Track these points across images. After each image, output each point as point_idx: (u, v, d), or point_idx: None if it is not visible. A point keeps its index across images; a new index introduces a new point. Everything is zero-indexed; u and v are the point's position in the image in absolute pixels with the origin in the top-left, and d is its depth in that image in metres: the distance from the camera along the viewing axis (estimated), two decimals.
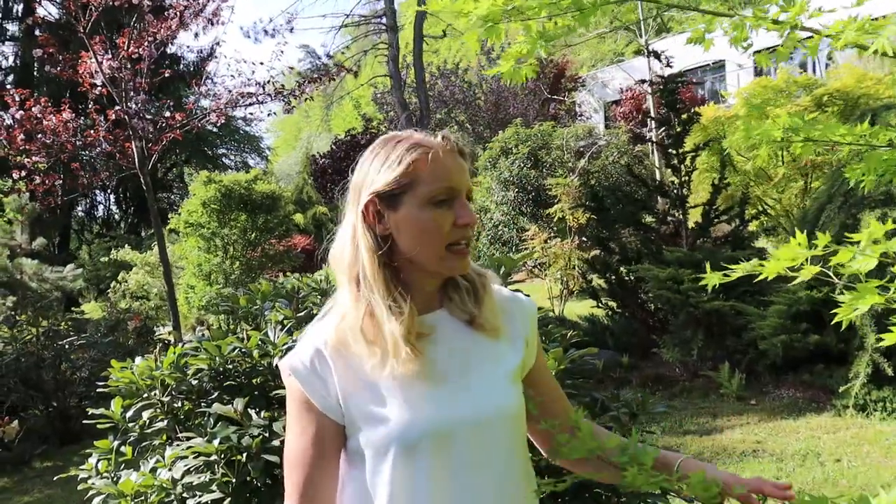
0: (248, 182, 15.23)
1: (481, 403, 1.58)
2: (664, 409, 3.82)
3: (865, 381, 7.16)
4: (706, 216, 9.78)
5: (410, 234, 1.57)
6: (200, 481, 2.91)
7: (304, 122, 57.17)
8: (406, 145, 1.60)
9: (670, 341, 8.96)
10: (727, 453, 6.58)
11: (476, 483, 1.56)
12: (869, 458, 6.17)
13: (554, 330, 3.70)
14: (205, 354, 3.36)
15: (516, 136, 17.68)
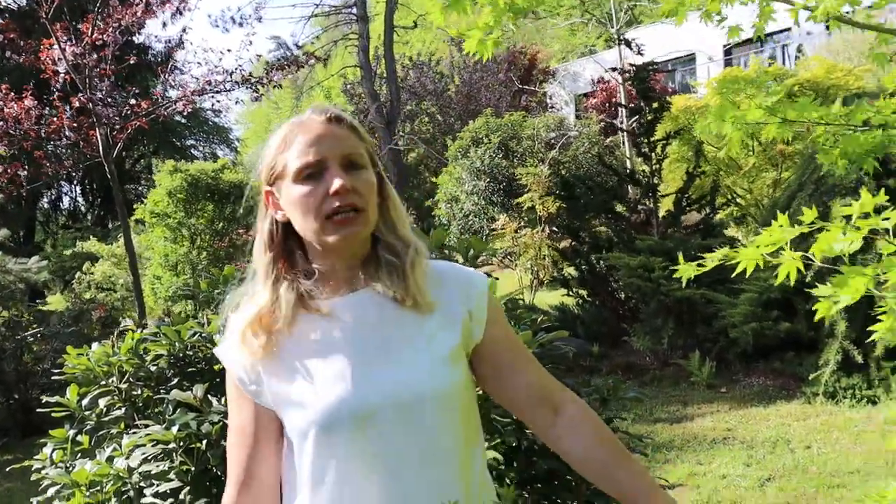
0: (215, 171, 15.05)
1: (405, 383, 1.52)
2: (635, 394, 3.75)
3: (835, 369, 7.17)
4: (678, 204, 9.77)
5: (292, 213, 1.57)
6: (158, 470, 2.83)
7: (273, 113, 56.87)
8: (282, 129, 1.61)
9: (641, 330, 8.93)
10: (697, 441, 6.56)
11: (401, 465, 1.51)
12: (838, 444, 6.17)
13: (524, 314, 3.64)
14: (164, 340, 3.26)
15: (487, 125, 17.63)
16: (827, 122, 2.50)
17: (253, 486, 1.57)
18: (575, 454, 1.61)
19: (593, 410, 1.68)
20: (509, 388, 1.66)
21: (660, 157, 9.67)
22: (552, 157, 16.14)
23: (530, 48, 28.34)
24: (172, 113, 11.40)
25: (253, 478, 1.56)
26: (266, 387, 1.55)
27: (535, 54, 28.33)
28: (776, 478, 5.64)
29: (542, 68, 28.39)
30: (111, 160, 10.09)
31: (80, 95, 9.92)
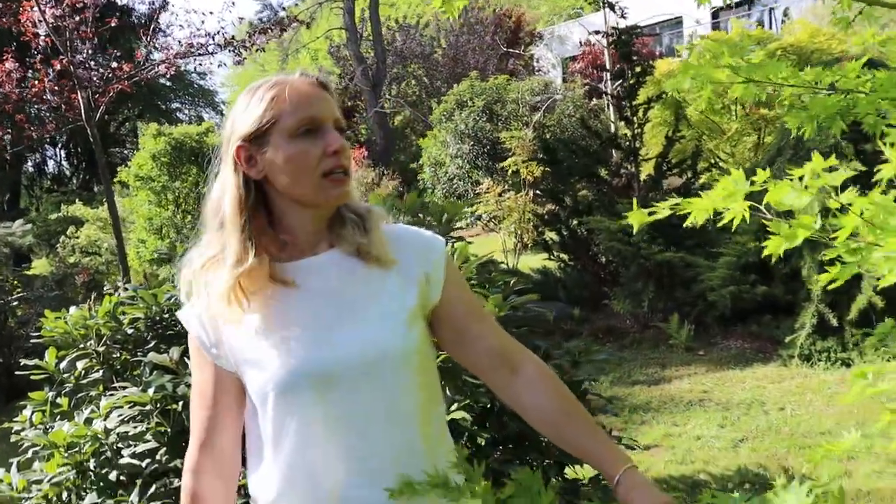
0: (199, 135, 15.01)
1: (366, 342, 1.55)
2: (606, 356, 3.84)
3: (811, 332, 7.26)
4: (658, 169, 9.82)
5: (284, 169, 1.55)
6: (136, 431, 2.89)
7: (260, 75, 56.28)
8: (265, 87, 1.59)
9: (621, 293, 9.01)
10: (674, 403, 6.65)
11: (367, 424, 1.54)
12: (812, 406, 6.28)
13: (498, 277, 3.69)
14: (141, 303, 3.31)
15: (471, 89, 17.60)
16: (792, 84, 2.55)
17: (214, 448, 1.61)
18: (531, 411, 1.64)
19: (552, 370, 1.73)
20: (470, 350, 1.69)
21: (641, 121, 9.71)
22: (536, 121, 16.14)
23: (516, 10, 28.18)
24: (155, 76, 11.33)
25: (214, 439, 1.60)
26: (227, 349, 1.57)
27: (521, 16, 28.19)
28: (749, 438, 5.74)
29: (528, 31, 28.27)
30: (94, 124, 10.06)
31: (62, 58, 9.87)
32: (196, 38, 11.28)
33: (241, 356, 1.56)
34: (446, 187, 17.07)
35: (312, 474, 1.54)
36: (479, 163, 16.60)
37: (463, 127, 16.80)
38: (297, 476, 1.55)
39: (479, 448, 3.16)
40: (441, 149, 17.31)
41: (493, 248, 13.23)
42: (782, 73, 2.56)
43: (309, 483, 1.54)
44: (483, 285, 3.48)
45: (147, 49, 12.51)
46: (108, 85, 10.30)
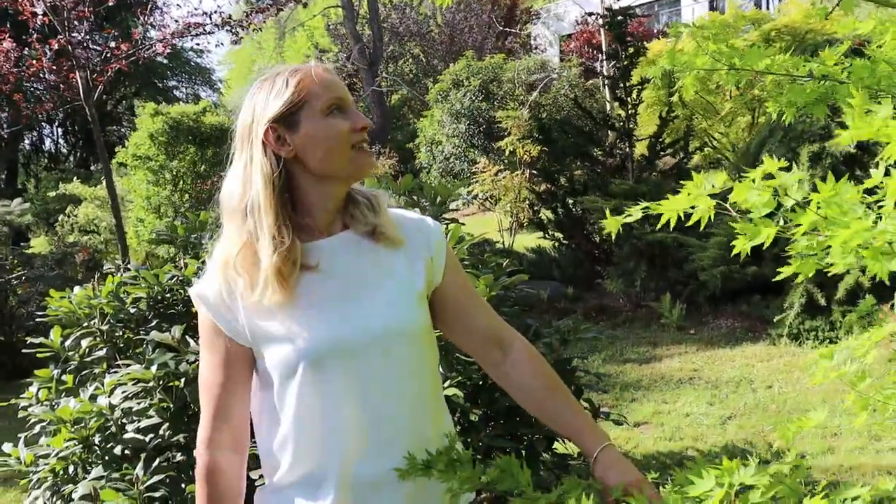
0: (196, 114, 15.05)
1: (385, 318, 1.65)
2: (595, 335, 3.93)
3: (799, 312, 7.39)
4: (651, 149, 9.90)
5: (318, 145, 1.63)
6: (139, 407, 2.98)
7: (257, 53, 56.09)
8: (287, 72, 1.67)
9: (614, 273, 9.12)
10: (664, 381, 6.78)
11: (383, 397, 1.65)
12: (799, 384, 6.40)
13: (490, 258, 3.78)
14: (143, 283, 3.40)
15: (468, 68, 17.63)
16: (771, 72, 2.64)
17: (229, 421, 1.68)
18: (518, 390, 1.78)
19: (538, 351, 1.85)
20: (464, 330, 1.82)
21: (635, 101, 9.79)
22: (532, 100, 16.19)
23: None
24: (153, 55, 11.37)
25: (229, 412, 1.67)
26: (245, 323, 1.64)
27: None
28: (737, 416, 5.86)
29: (525, 8, 28.21)
30: (92, 103, 10.11)
31: (59, 38, 9.91)
32: (193, 18, 11.31)
33: (264, 331, 1.63)
34: (443, 166, 17.14)
35: (328, 447, 1.63)
36: (475, 142, 16.66)
37: (459, 106, 16.85)
38: (314, 448, 1.64)
39: (471, 423, 3.26)
40: (437, 128, 17.36)
41: (489, 228, 13.33)
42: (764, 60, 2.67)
43: (325, 455, 1.63)
44: (476, 266, 3.57)
45: (144, 28, 12.53)
46: (106, 64, 10.34)
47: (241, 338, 1.66)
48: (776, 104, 2.64)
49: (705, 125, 13.19)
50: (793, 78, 2.59)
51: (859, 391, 1.99)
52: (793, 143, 7.85)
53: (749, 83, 7.96)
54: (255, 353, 1.68)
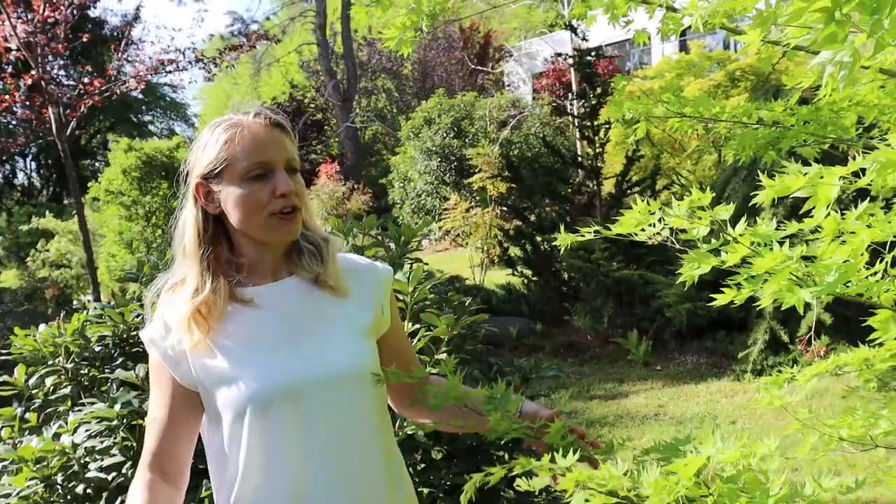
0: (170, 150, 15.11)
1: (331, 361, 1.69)
2: (556, 373, 3.99)
3: (763, 348, 7.50)
4: (619, 187, 10.05)
5: (235, 208, 1.68)
6: (102, 445, 2.99)
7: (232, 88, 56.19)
8: (222, 127, 1.71)
9: (582, 309, 9.21)
10: (630, 417, 6.84)
11: (331, 439, 1.67)
12: (762, 419, 6.48)
13: (453, 297, 3.84)
14: (109, 321, 3.42)
15: (439, 106, 17.79)
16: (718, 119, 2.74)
17: (169, 458, 1.70)
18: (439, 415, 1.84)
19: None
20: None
21: (603, 140, 9.94)
22: (503, 138, 16.35)
23: (484, 26, 28.37)
24: (127, 90, 11.42)
25: (169, 452, 1.70)
26: (191, 367, 1.68)
27: (489, 32, 28.38)
28: None
29: (497, 46, 28.48)
30: (64, 138, 10.14)
31: (33, 73, 9.94)
32: (167, 55, 11.38)
33: (211, 374, 1.67)
34: (415, 203, 17.24)
35: (284, 484, 1.65)
36: (446, 179, 16.80)
37: (430, 144, 17.00)
38: (266, 486, 1.65)
39: (433, 462, 3.30)
40: (409, 165, 17.49)
41: (460, 264, 13.39)
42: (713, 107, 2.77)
43: (280, 492, 1.65)
44: (439, 305, 3.62)
45: (119, 63, 12.59)
46: (79, 100, 10.38)
47: (188, 380, 1.69)
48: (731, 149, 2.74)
49: (673, 163, 13.37)
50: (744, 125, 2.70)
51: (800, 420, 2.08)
52: (756, 181, 7.98)
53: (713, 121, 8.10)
54: (204, 394, 1.70)
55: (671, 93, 2.72)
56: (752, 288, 1.55)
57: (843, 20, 0.95)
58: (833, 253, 1.46)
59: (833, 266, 1.43)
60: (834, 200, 1.34)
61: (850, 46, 0.97)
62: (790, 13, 0.99)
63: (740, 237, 1.52)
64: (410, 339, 2.84)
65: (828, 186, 1.30)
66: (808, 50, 1.80)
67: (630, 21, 2.27)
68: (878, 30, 0.93)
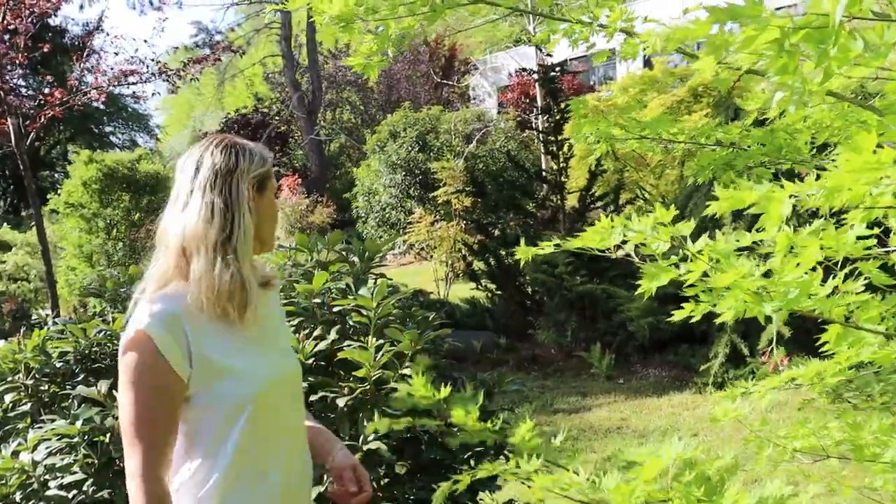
0: (131, 162, 14.99)
1: (295, 362, 2.00)
2: (519, 387, 4.03)
3: (724, 361, 7.58)
4: (582, 201, 10.13)
5: (268, 214, 1.91)
6: (63, 463, 2.97)
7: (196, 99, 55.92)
8: (259, 146, 1.93)
9: (546, 323, 9.26)
10: (593, 430, 6.88)
11: (296, 432, 1.97)
12: (723, 432, 6.55)
13: (417, 311, 3.86)
14: (70, 337, 3.40)
15: (405, 119, 17.84)
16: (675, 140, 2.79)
17: (166, 454, 1.78)
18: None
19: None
20: None
21: (567, 155, 10.02)
22: (468, 152, 16.42)
23: (449, 39, 28.47)
24: (88, 101, 11.33)
25: (170, 444, 1.79)
26: (194, 360, 1.77)
27: (455, 45, 28.50)
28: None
29: (463, 60, 28.60)
30: (24, 150, 10.03)
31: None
32: (129, 66, 11.31)
33: (219, 365, 1.79)
34: (379, 216, 17.26)
35: (265, 472, 1.84)
36: (411, 192, 16.84)
37: (395, 157, 17.03)
38: (250, 473, 1.82)
39: (397, 476, 3.31)
40: (374, 178, 17.51)
41: (425, 277, 13.40)
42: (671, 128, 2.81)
43: (262, 478, 1.84)
44: (403, 320, 3.64)
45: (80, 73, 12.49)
46: (39, 111, 10.29)
47: (184, 372, 1.76)
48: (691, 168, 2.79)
49: (636, 177, 13.48)
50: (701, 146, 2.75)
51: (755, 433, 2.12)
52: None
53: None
54: (193, 389, 1.79)
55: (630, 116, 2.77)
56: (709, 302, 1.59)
57: (792, 50, 0.99)
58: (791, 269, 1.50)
59: (792, 283, 1.47)
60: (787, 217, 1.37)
61: (800, 74, 1.01)
62: (741, 41, 1.02)
63: (699, 253, 1.55)
64: (374, 355, 2.93)
65: (779, 203, 1.33)
66: (763, 74, 1.85)
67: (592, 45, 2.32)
68: (824, 59, 0.96)
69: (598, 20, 2.21)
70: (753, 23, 0.99)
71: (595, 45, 2.40)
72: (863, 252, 1.59)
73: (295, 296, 3.43)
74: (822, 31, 0.96)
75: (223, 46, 13.99)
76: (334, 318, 3.38)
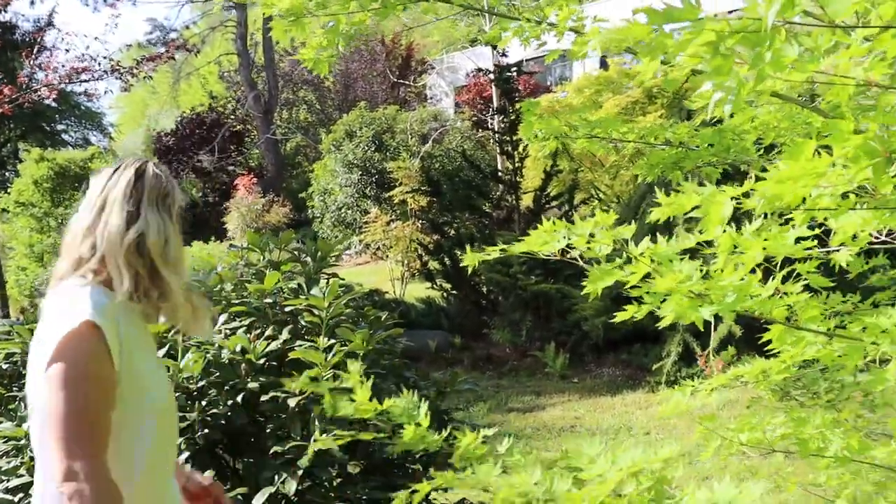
0: (84, 160, 14.82)
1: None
2: (471, 387, 4.04)
3: (676, 360, 7.66)
4: (537, 201, 10.17)
5: (178, 244, 1.93)
6: (9, 466, 2.93)
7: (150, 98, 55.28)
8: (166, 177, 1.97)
9: (501, 323, 9.29)
10: (547, 429, 6.92)
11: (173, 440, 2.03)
12: (675, 430, 6.62)
13: (370, 311, 3.86)
14: (17, 338, 3.36)
15: (361, 118, 17.80)
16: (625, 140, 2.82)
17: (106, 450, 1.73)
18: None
19: None
20: None
21: (522, 155, 10.06)
22: (425, 151, 16.44)
23: (406, 39, 28.45)
24: (39, 98, 11.17)
25: (105, 449, 1.71)
26: (124, 363, 1.78)
27: (411, 45, 28.48)
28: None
29: (419, 59, 28.59)
30: None
31: None
32: (81, 63, 11.17)
33: (134, 373, 1.81)
34: (335, 216, 17.21)
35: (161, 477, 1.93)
36: (367, 192, 16.81)
37: (352, 157, 16.99)
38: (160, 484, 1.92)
39: (349, 476, 3.30)
40: (330, 178, 17.45)
41: (381, 277, 13.39)
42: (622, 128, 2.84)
43: (157, 482, 1.91)
44: (355, 319, 3.63)
45: (31, 70, 12.31)
46: None
47: (117, 369, 1.77)
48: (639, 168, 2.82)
49: (591, 177, 13.57)
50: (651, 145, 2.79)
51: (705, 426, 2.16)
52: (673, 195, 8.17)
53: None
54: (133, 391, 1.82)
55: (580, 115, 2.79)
56: (652, 303, 1.61)
57: (727, 53, 1.00)
58: (729, 273, 1.52)
59: (730, 286, 1.49)
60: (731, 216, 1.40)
61: (736, 76, 1.03)
62: (678, 43, 1.03)
63: (641, 256, 1.57)
64: (326, 355, 2.92)
65: (719, 206, 1.35)
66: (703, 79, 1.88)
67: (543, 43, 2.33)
68: (758, 62, 0.98)
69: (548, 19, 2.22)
70: (691, 26, 1.00)
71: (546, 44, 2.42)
72: (803, 253, 1.61)
73: (247, 295, 3.41)
74: (757, 35, 0.97)
75: (178, 44, 13.88)
76: (286, 318, 3.36)
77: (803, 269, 1.71)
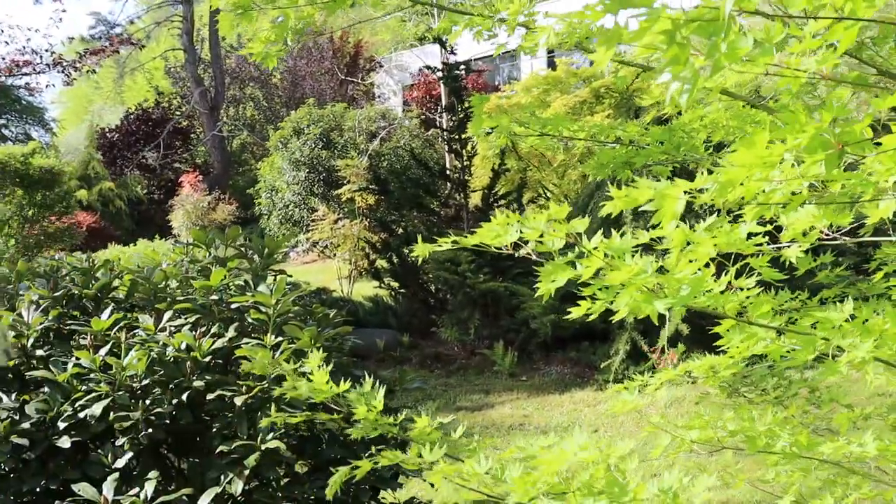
0: (24, 156, 14.49)
1: None
2: (420, 385, 4.03)
3: (624, 358, 7.72)
4: (485, 200, 10.19)
5: None
6: None
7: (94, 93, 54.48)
8: None
9: (449, 321, 9.28)
10: (496, 427, 6.93)
11: None
12: (623, 427, 6.66)
13: (318, 309, 3.82)
14: None
15: (309, 116, 17.70)
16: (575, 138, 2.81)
17: None
18: None
19: None
20: None
21: (470, 153, 10.06)
22: (373, 149, 16.39)
23: (354, 37, 28.34)
24: None
25: None
26: None
27: (360, 42, 28.38)
28: None
29: (368, 57, 28.49)
30: None
31: None
32: (22, 56, 10.96)
33: None
34: (282, 213, 17.08)
35: None
36: (315, 190, 16.72)
37: (299, 154, 16.89)
38: None
39: (296, 475, 3.27)
40: (277, 175, 17.33)
41: (328, 276, 13.32)
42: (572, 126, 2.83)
43: None
44: (303, 317, 3.60)
45: None
46: None
47: None
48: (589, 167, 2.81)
49: (539, 176, 13.62)
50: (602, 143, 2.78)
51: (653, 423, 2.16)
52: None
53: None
54: None
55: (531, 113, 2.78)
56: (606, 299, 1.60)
57: (683, 42, 0.99)
58: (684, 266, 1.52)
59: (684, 280, 1.48)
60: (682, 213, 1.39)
61: (691, 67, 1.01)
62: (634, 33, 1.02)
63: (594, 250, 1.56)
64: (273, 353, 2.87)
65: (673, 200, 1.34)
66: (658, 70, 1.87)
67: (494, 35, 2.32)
68: (715, 52, 0.97)
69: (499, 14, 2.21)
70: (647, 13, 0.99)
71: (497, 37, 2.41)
72: (754, 248, 1.62)
73: (192, 292, 3.36)
74: (713, 24, 0.96)
75: (122, 39, 13.66)
76: (232, 316, 3.32)
77: (756, 264, 1.72)
